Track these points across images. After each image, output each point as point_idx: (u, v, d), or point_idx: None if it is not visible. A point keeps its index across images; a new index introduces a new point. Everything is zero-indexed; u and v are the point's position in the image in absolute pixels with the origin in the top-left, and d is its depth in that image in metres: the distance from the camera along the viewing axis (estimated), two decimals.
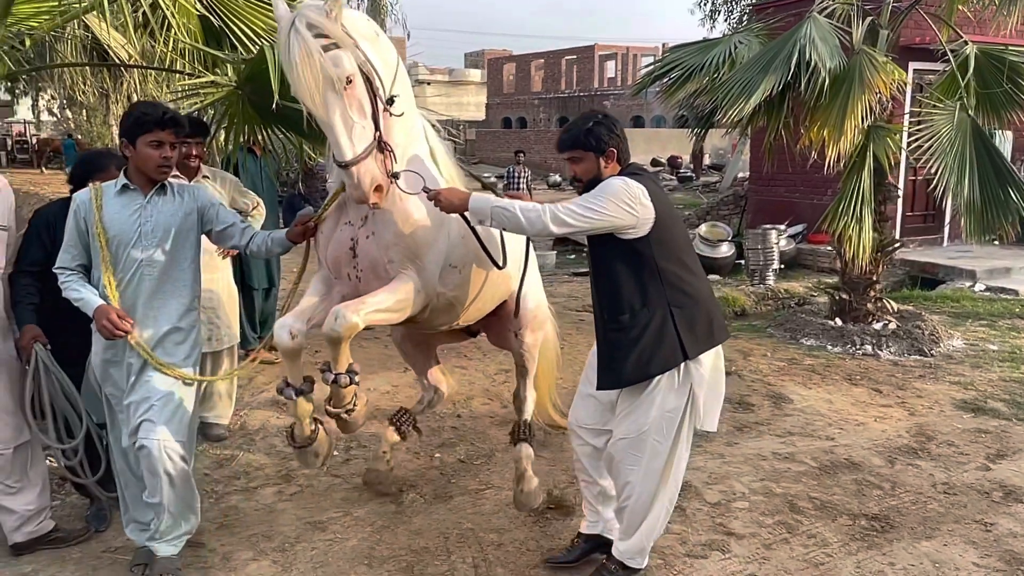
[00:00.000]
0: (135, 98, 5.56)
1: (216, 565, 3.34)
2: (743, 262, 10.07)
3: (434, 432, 4.82)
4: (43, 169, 25.44)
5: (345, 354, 2.90)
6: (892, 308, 7.25)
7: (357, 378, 2.97)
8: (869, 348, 6.71)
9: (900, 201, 10.38)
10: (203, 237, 3.29)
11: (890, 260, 7.55)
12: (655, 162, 28.56)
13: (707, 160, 27.76)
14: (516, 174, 14.24)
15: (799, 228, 11.17)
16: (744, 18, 19.75)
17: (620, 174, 2.95)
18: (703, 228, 10.94)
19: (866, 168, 6.33)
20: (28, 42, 4.03)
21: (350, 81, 2.68)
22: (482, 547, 3.50)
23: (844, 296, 7.26)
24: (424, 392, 4.13)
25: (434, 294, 3.10)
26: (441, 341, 4.12)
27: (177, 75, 4.83)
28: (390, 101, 2.86)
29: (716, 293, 8.65)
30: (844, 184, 6.41)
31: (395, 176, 2.85)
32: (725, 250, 10.33)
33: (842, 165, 6.37)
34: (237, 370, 4.47)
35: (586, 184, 2.98)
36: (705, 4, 23.44)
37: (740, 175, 17.79)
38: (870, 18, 6.60)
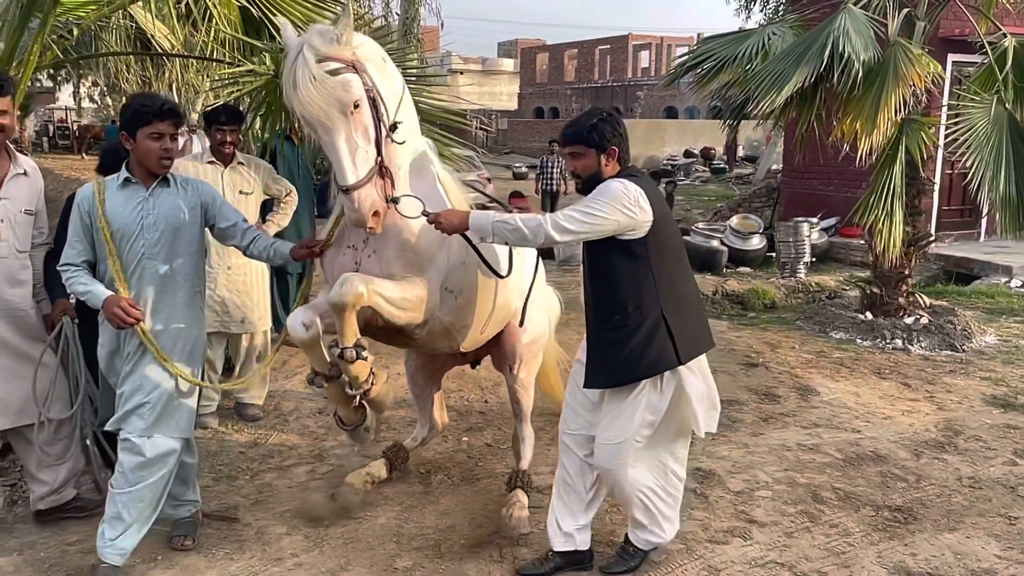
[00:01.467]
0: (177, 86, 5.70)
1: (251, 539, 3.46)
2: (774, 255, 10.02)
3: (462, 417, 4.92)
4: (84, 155, 25.93)
5: (351, 326, 2.86)
6: (924, 303, 7.20)
7: (365, 353, 2.93)
8: (899, 342, 6.67)
9: (936, 195, 10.25)
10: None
11: (923, 254, 7.48)
12: (688, 153, 28.35)
13: (741, 152, 27.52)
14: (549, 164, 14.18)
15: (832, 221, 11.07)
16: (780, 8, 19.51)
17: (618, 175, 2.95)
18: (734, 220, 10.88)
19: (898, 161, 6.28)
20: (75, 32, 4.18)
21: (357, 106, 2.72)
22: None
23: (875, 290, 7.22)
24: (420, 428, 4.12)
25: (435, 308, 3.10)
26: (450, 366, 4.13)
27: (217, 64, 4.97)
28: (393, 127, 2.89)
29: (746, 285, 8.74)
30: (876, 177, 6.37)
31: (394, 201, 2.88)
32: (756, 242, 10.28)
33: (874, 158, 6.33)
34: (238, 382, 4.46)
35: (585, 181, 3.00)
36: None
37: (774, 167, 17.64)
38: (906, 9, 6.53)
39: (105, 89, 25.37)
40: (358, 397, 3.07)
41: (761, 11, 22.37)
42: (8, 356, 3.26)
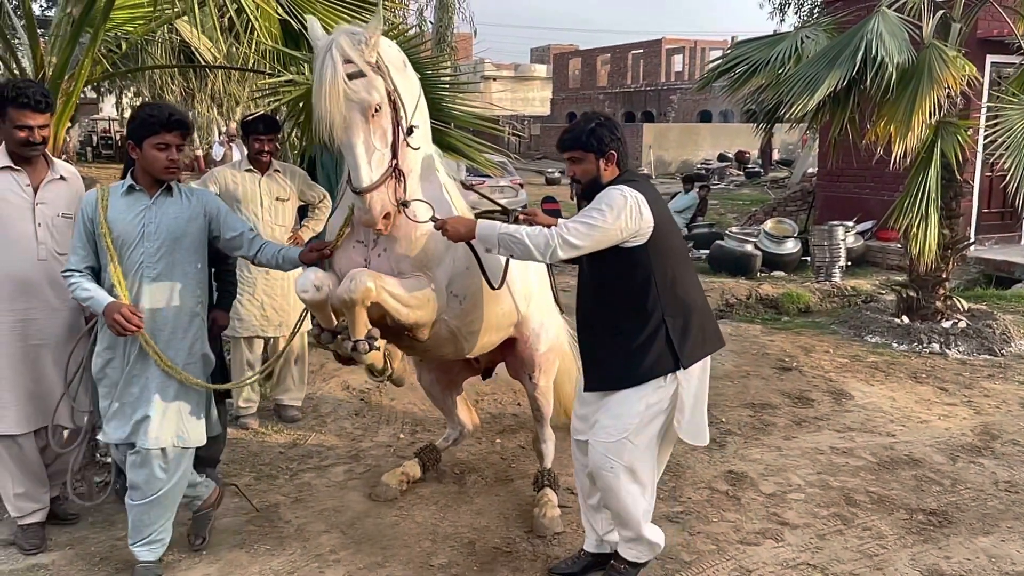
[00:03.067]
0: (218, 97, 5.86)
1: (291, 535, 3.57)
2: (808, 259, 9.96)
3: (495, 419, 4.99)
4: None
5: (362, 320, 2.87)
6: (962, 306, 7.11)
7: (377, 343, 2.93)
8: (937, 346, 6.61)
9: (975, 198, 10.10)
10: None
11: (961, 258, 7.41)
12: (722, 157, 28.17)
13: (776, 155, 27.27)
14: None
15: (868, 225, 10.96)
16: (814, 11, 19.35)
17: (618, 179, 2.94)
18: (768, 224, 10.83)
19: (933, 164, 6.22)
20: (124, 46, 4.34)
21: (378, 109, 2.75)
22: None
23: (912, 294, 7.15)
24: (451, 429, 4.19)
25: (441, 309, 3.10)
26: (463, 377, 4.15)
27: (257, 75, 5.11)
28: (409, 131, 2.92)
29: (780, 289, 8.70)
30: (910, 180, 6.32)
31: (404, 204, 2.90)
32: (790, 246, 10.23)
33: (908, 161, 6.28)
34: (248, 380, 4.32)
35: (584, 186, 2.99)
36: None
37: (809, 171, 17.48)
38: (942, 11, 6.49)
39: (147, 99, 26.00)
40: (384, 380, 3.13)
41: (795, 14, 22.22)
42: (49, 355, 3.37)
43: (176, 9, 4.15)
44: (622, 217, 2.80)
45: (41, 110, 3.23)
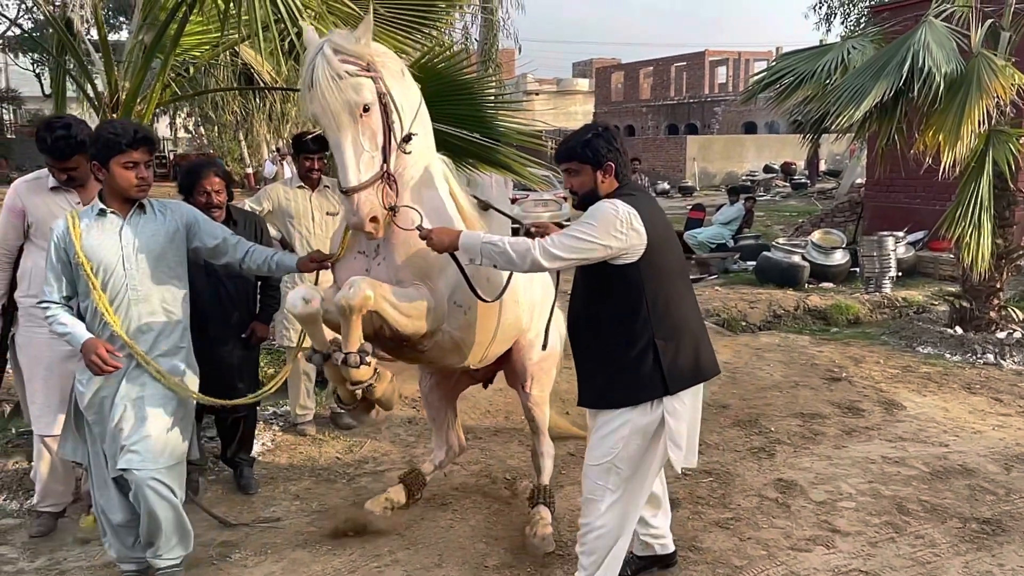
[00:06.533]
0: (275, 116, 6.10)
1: (350, 537, 3.69)
2: (858, 270, 9.87)
3: None
4: None
5: (356, 331, 2.81)
6: (1017, 317, 7.01)
7: (369, 358, 2.86)
8: (991, 357, 6.52)
9: None
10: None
11: (1015, 267, 7.29)
12: (768, 168, 27.94)
13: (823, 166, 26.96)
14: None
15: (919, 235, 10.81)
16: (861, 21, 19.16)
17: (615, 192, 2.85)
18: (816, 235, 10.74)
19: (985, 173, 6.18)
20: (191, 70, 4.58)
21: (367, 109, 2.74)
22: None
23: (965, 304, 7.07)
24: (437, 451, 4.01)
25: (443, 319, 3.05)
26: (463, 386, 4.10)
27: None
28: (407, 138, 2.91)
29: (829, 300, 8.64)
30: (962, 189, 6.28)
31: (392, 209, 2.85)
32: (839, 257, 10.13)
33: (958, 171, 6.24)
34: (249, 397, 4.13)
35: (582, 198, 2.91)
36: (820, 7, 22.87)
37: (857, 181, 17.26)
38: (990, 21, 6.44)
39: (200, 120, 26.76)
40: (360, 393, 2.98)
41: (842, 23, 22.03)
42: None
43: (241, 34, 4.37)
44: (611, 232, 2.69)
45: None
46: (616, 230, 2.69)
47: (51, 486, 3.71)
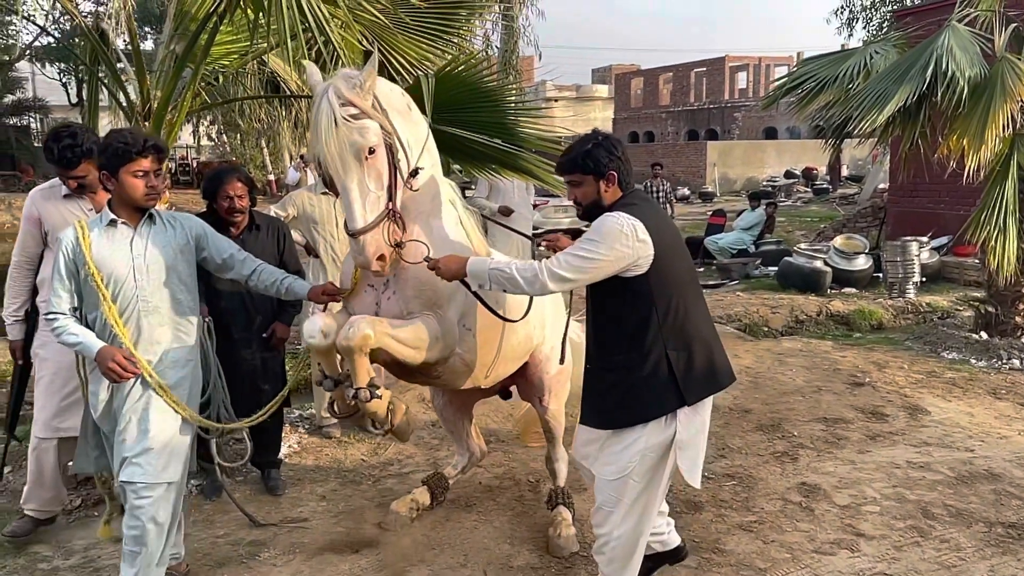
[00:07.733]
0: (300, 124, 6.19)
1: (377, 536, 3.74)
2: (881, 275, 9.81)
3: (568, 432, 5.09)
4: None
5: (363, 368, 2.83)
6: None
7: (379, 392, 2.89)
8: (1017, 362, 6.47)
9: None
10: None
11: None
12: (789, 174, 27.80)
13: (845, 171, 26.80)
14: (653, 188, 13.96)
15: (943, 240, 10.74)
16: (884, 25, 19.06)
17: (619, 201, 2.82)
18: (838, 240, 10.70)
19: (1010, 177, 6.15)
20: (221, 79, 4.67)
21: (372, 151, 2.76)
22: None
23: (990, 309, 7.03)
24: (459, 457, 4.14)
25: (453, 345, 3.07)
26: (476, 399, 4.10)
27: None
28: (414, 173, 2.93)
29: (851, 306, 8.60)
30: (986, 194, 6.25)
31: (398, 246, 2.89)
32: (862, 263, 10.08)
33: (982, 175, 6.21)
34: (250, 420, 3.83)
35: (585, 208, 2.89)
36: (842, 12, 22.78)
37: (880, 186, 17.16)
38: (1014, 25, 6.42)
39: (222, 127, 27.10)
40: (385, 432, 3.08)
41: (864, 28, 21.93)
42: None
43: (270, 44, 4.46)
44: (616, 247, 2.65)
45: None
46: (622, 244, 2.65)
47: (36, 490, 3.70)
